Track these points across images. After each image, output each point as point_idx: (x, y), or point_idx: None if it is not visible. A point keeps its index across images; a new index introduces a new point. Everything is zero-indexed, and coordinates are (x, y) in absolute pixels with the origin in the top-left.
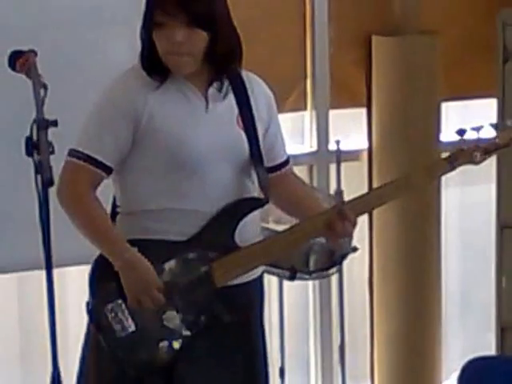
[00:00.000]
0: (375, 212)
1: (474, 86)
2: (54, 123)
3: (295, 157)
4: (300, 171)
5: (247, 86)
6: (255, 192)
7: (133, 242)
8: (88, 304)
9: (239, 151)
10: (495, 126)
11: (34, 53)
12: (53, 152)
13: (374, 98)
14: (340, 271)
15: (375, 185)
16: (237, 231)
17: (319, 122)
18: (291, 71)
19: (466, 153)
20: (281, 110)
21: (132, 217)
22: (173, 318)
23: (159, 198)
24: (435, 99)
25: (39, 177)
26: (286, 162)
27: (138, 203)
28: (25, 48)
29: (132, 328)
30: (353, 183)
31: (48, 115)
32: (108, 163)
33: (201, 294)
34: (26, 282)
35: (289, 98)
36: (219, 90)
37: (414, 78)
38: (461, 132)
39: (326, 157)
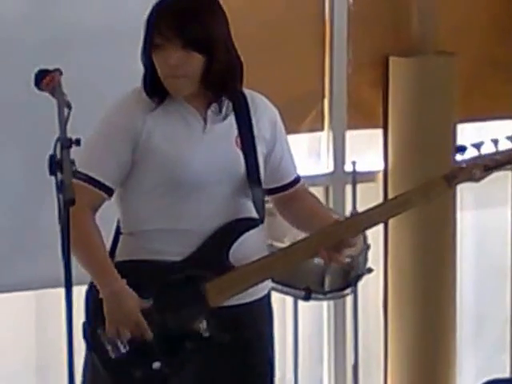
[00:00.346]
0: (390, 234)
1: (490, 107)
2: (78, 142)
3: (312, 177)
4: (316, 192)
5: (250, 105)
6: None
7: (130, 263)
8: (84, 324)
9: (235, 171)
10: (495, 142)
11: (60, 72)
12: (75, 172)
13: (391, 119)
14: (355, 292)
15: None
16: (232, 251)
17: (336, 143)
18: (309, 91)
19: (465, 170)
20: (298, 130)
21: (132, 237)
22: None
23: (157, 219)
24: (451, 120)
25: (61, 196)
26: (296, 181)
27: (136, 224)
28: (50, 67)
29: (125, 349)
30: (368, 204)
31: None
32: (109, 184)
33: (194, 314)
34: (44, 299)
35: (306, 119)
36: (218, 111)
37: (431, 99)
38: (461, 149)
39: (342, 178)
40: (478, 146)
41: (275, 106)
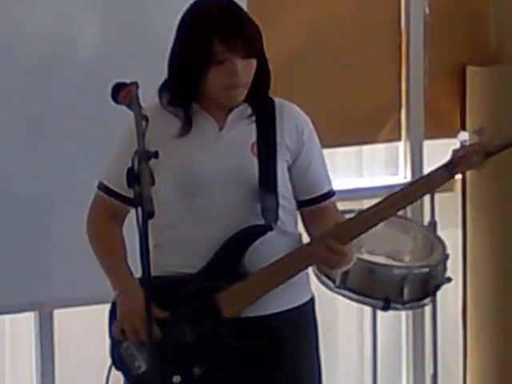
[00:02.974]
0: (468, 243)
1: None
2: (156, 155)
3: (389, 187)
4: None
5: (277, 113)
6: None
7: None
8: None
9: (247, 177)
10: (497, 127)
11: (137, 85)
12: (153, 184)
13: (468, 128)
14: (433, 301)
15: (469, 217)
16: (247, 258)
17: (413, 153)
18: (386, 101)
19: (466, 159)
20: (375, 140)
21: (155, 249)
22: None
23: (170, 229)
24: None
25: (139, 209)
26: (326, 195)
27: (156, 235)
28: (127, 80)
29: (143, 367)
30: (446, 214)
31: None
32: (127, 194)
33: (210, 326)
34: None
35: (384, 129)
36: (240, 117)
37: (508, 108)
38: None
39: None
40: (479, 132)
41: (346, 116)
